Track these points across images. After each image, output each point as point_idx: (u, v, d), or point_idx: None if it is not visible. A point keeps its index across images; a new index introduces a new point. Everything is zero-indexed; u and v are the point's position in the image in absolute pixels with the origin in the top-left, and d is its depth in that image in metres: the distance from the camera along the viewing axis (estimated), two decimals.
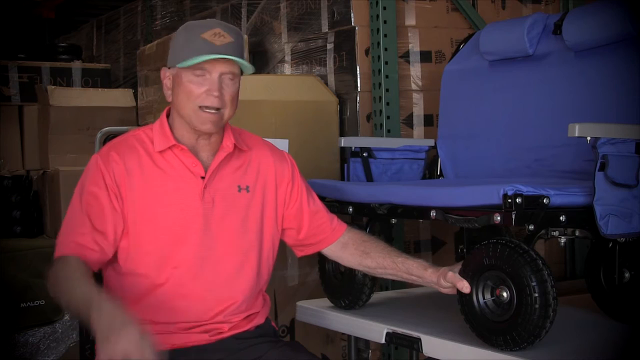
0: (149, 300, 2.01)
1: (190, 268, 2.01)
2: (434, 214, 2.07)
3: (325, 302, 2.57)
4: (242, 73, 2.05)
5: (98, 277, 2.04)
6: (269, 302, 2.23)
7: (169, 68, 2.05)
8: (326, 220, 2.24)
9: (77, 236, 1.97)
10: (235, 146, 2.10)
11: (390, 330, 2.24)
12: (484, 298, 1.93)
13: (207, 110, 1.99)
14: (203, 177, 2.04)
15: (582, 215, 1.91)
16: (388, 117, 3.14)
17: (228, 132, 2.10)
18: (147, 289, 2.01)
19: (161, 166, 2.04)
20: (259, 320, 2.15)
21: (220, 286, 2.04)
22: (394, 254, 2.19)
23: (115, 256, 2.02)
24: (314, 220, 2.22)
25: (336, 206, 2.42)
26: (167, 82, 2.06)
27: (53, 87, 3.93)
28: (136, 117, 4.23)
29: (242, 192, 2.09)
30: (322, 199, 2.43)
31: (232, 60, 1.98)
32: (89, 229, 1.97)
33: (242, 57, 2.01)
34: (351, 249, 2.23)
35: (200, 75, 1.98)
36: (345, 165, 2.70)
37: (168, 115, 2.10)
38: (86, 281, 1.84)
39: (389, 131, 3.14)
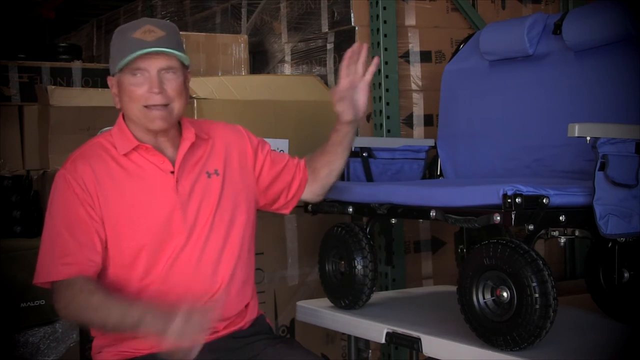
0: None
1: (176, 261, 2.02)
2: (434, 214, 2.07)
3: (325, 302, 2.57)
4: (187, 67, 2.07)
5: None
6: (256, 293, 2.24)
7: (113, 76, 2.04)
8: (292, 164, 2.29)
9: (67, 257, 1.96)
10: (196, 136, 2.11)
11: (390, 330, 2.24)
12: (484, 298, 1.93)
13: (154, 108, 2.00)
14: (172, 172, 2.05)
15: (582, 215, 1.91)
16: (388, 117, 3.14)
17: (186, 124, 2.12)
18: (137, 291, 2.01)
19: (129, 168, 2.03)
20: (252, 314, 2.15)
21: (206, 272, 2.05)
22: (325, 147, 2.27)
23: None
24: (289, 170, 2.27)
25: (336, 206, 2.42)
26: (114, 90, 2.06)
27: (53, 87, 3.92)
28: None
29: (212, 177, 2.11)
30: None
31: (168, 54, 1.99)
32: (75, 246, 1.96)
33: (176, 49, 2.01)
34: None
35: (139, 76, 1.98)
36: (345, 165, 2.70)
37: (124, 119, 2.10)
38: (110, 302, 1.90)
39: (389, 131, 3.14)
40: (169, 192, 2.04)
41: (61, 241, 1.97)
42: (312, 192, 2.32)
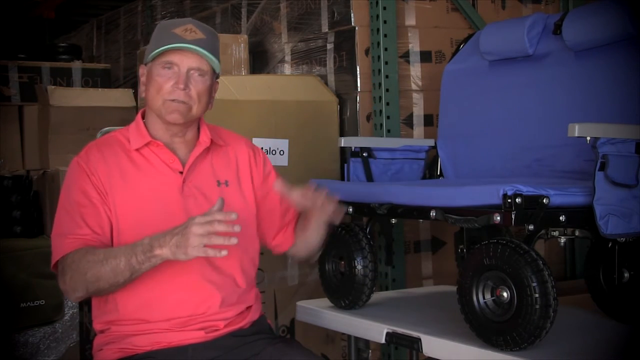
0: (139, 300, 2.01)
1: (175, 262, 2.01)
2: (434, 214, 2.07)
3: (325, 302, 2.57)
4: (217, 75, 2.10)
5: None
6: (260, 297, 2.24)
7: (145, 65, 2.09)
8: (292, 214, 2.27)
9: (71, 234, 1.97)
10: (212, 141, 2.13)
11: (390, 330, 2.24)
12: (484, 298, 1.94)
13: (175, 100, 2.02)
14: (181, 172, 2.07)
15: (582, 215, 1.91)
16: (388, 117, 3.14)
17: (204, 128, 2.14)
18: (136, 287, 2.00)
19: (139, 163, 2.07)
20: (253, 316, 2.16)
21: (207, 277, 2.05)
22: (302, 222, 2.25)
23: None
24: (288, 214, 2.26)
25: None
26: (142, 78, 2.10)
27: (53, 87, 3.93)
28: None
29: (221, 186, 2.12)
30: None
31: (201, 56, 2.02)
32: (86, 228, 1.98)
33: (211, 53, 2.04)
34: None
35: (169, 69, 2.02)
36: (345, 165, 2.70)
37: (143, 117, 2.13)
38: (115, 249, 1.94)
39: (389, 131, 3.14)
40: (174, 191, 2.05)
41: (74, 225, 1.99)
42: (294, 252, 2.33)
